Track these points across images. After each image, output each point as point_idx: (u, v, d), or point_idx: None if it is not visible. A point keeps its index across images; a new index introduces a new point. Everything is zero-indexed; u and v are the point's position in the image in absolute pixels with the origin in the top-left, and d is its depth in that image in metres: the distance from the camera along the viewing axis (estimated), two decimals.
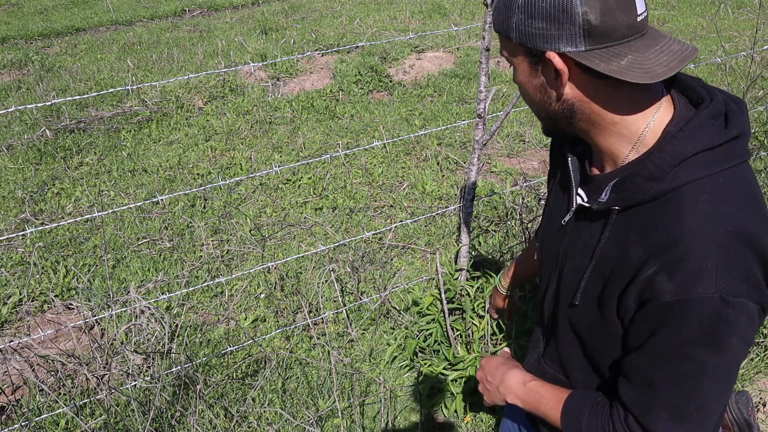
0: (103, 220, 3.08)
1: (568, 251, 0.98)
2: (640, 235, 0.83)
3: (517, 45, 0.85)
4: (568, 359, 1.04)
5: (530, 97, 0.91)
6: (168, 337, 2.06)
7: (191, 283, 2.58)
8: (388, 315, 2.27)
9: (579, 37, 0.78)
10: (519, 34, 0.83)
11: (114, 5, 8.22)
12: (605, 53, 0.79)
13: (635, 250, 0.83)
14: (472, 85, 4.69)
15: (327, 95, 4.62)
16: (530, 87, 0.89)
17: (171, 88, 4.69)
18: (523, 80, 0.90)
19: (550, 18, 0.79)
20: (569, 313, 0.98)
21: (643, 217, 0.84)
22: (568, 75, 0.82)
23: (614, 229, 0.88)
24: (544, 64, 0.84)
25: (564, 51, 0.80)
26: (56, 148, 3.89)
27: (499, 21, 0.87)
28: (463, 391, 1.84)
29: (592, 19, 0.77)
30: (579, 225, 0.96)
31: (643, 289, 0.81)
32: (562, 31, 0.79)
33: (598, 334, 0.93)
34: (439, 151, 3.61)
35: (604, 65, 0.78)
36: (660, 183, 0.81)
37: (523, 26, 0.82)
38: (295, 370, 2.08)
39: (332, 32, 6.20)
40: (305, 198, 3.23)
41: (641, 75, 0.77)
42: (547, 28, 0.80)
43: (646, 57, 0.79)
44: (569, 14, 0.78)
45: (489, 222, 2.81)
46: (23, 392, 2.06)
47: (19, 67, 5.64)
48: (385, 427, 1.85)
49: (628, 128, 0.86)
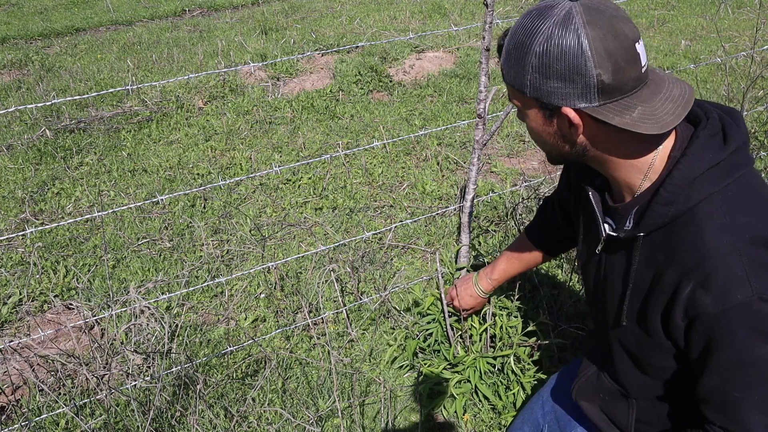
0: (103, 220, 3.08)
1: (607, 277, 1.06)
2: (667, 255, 0.89)
3: (530, 98, 0.89)
4: (624, 374, 1.09)
5: (542, 140, 0.96)
6: (168, 337, 2.06)
7: (191, 283, 2.58)
8: (388, 315, 2.27)
9: (593, 94, 0.83)
10: (534, 90, 0.87)
11: (114, 5, 8.22)
12: (617, 106, 0.84)
13: (666, 271, 0.89)
14: (472, 85, 4.69)
15: (327, 95, 4.62)
16: (543, 133, 0.94)
17: (171, 88, 4.69)
18: (536, 127, 0.94)
19: (565, 78, 0.83)
20: (618, 333, 1.05)
21: (667, 238, 0.90)
22: (582, 128, 0.88)
23: (643, 253, 0.94)
24: (558, 116, 0.89)
25: (579, 107, 0.85)
26: (56, 148, 3.89)
27: (511, 75, 0.90)
28: (463, 391, 1.84)
29: (605, 79, 0.81)
30: (612, 252, 1.04)
31: (687, 307, 0.86)
32: (577, 89, 0.83)
33: (646, 350, 0.99)
34: (439, 151, 3.61)
35: (618, 119, 0.83)
36: (676, 206, 0.87)
37: (538, 84, 0.86)
38: (295, 370, 2.08)
39: (332, 32, 6.19)
40: (305, 198, 3.23)
41: (652, 125, 0.82)
42: (562, 87, 0.84)
43: (653, 107, 0.84)
44: (584, 75, 0.82)
45: (489, 222, 2.81)
46: (23, 392, 2.06)
47: (19, 67, 5.64)
48: (385, 427, 1.85)
49: (639, 161, 0.91)
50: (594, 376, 1.20)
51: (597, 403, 1.19)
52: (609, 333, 1.08)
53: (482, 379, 1.83)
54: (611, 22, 0.81)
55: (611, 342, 1.09)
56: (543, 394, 1.42)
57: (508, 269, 1.59)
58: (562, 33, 0.81)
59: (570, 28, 0.81)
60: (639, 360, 1.03)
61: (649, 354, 0.99)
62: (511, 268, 1.59)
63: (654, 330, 0.94)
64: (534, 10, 0.85)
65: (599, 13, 0.81)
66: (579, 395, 1.22)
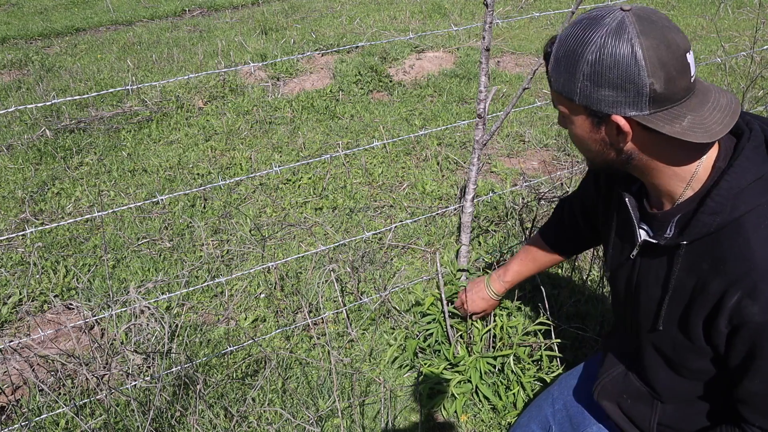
0: (103, 220, 3.08)
1: (641, 282, 1.06)
2: (713, 265, 0.90)
3: (579, 105, 0.90)
4: (654, 375, 1.11)
5: (587, 147, 0.97)
6: (168, 337, 2.06)
7: (191, 283, 2.58)
8: (388, 315, 2.27)
9: (644, 103, 0.84)
10: (584, 98, 0.88)
11: (114, 5, 8.22)
12: (667, 115, 0.85)
13: (712, 281, 0.90)
14: (472, 85, 4.69)
15: (327, 95, 4.62)
16: (589, 140, 0.95)
17: (171, 88, 4.69)
18: (582, 134, 0.95)
19: (617, 87, 0.84)
20: (652, 337, 1.06)
21: (711, 247, 0.91)
22: (631, 135, 0.89)
23: (684, 261, 0.95)
24: (607, 123, 0.89)
25: (629, 115, 0.86)
26: (56, 148, 3.89)
27: (560, 83, 0.91)
28: (463, 391, 1.84)
29: (657, 88, 0.83)
30: (648, 258, 1.04)
31: (732, 316, 0.88)
32: (629, 98, 0.84)
33: (683, 353, 1.01)
34: (439, 151, 3.61)
35: (668, 127, 0.84)
36: (722, 216, 0.88)
37: (589, 92, 0.87)
38: (295, 370, 2.08)
39: (332, 32, 6.19)
40: (305, 198, 3.23)
41: (702, 135, 0.84)
42: (614, 96, 0.85)
43: (703, 116, 0.85)
44: (636, 84, 0.83)
45: (489, 222, 2.81)
46: (23, 392, 2.06)
47: (19, 67, 5.64)
48: (385, 427, 1.85)
49: (682, 170, 0.92)
50: (620, 375, 1.20)
51: (619, 404, 1.20)
52: (641, 336, 1.10)
53: (482, 379, 1.83)
54: (664, 32, 0.82)
55: (642, 344, 1.10)
56: (553, 392, 1.42)
57: (522, 271, 1.59)
58: (615, 42, 0.82)
59: (624, 37, 0.82)
60: (673, 362, 1.05)
61: (685, 357, 1.01)
62: (525, 270, 1.58)
63: (695, 335, 0.96)
64: (585, 19, 0.86)
65: (652, 23, 0.82)
66: (601, 395, 1.23)
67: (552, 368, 1.85)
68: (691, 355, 1.00)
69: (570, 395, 1.37)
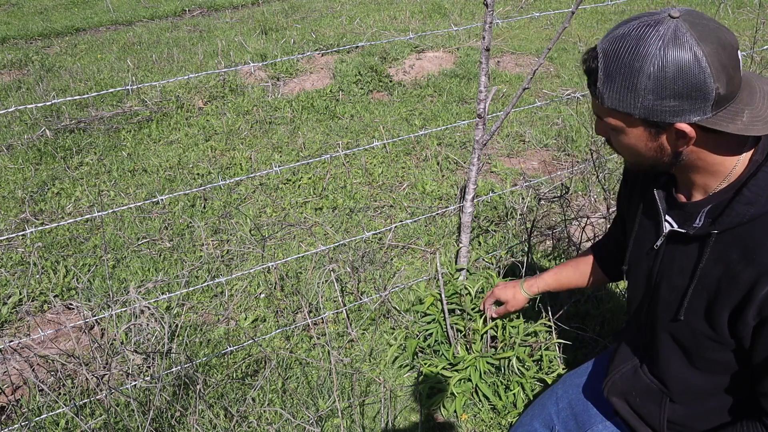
0: (103, 220, 3.08)
1: (664, 272, 1.06)
2: (744, 255, 0.90)
3: (638, 118, 0.89)
4: (667, 368, 1.10)
5: (639, 154, 0.96)
6: (168, 337, 2.06)
7: (191, 283, 2.58)
8: (388, 315, 2.27)
9: (708, 107, 0.84)
10: (645, 111, 0.87)
11: (114, 5, 8.22)
12: (727, 113, 0.85)
13: (743, 271, 0.90)
14: (472, 85, 4.69)
15: (327, 95, 4.62)
16: (644, 149, 0.94)
17: (171, 88, 4.69)
18: (636, 143, 0.94)
19: (683, 96, 0.84)
20: (671, 327, 1.05)
21: (743, 238, 0.91)
22: (694, 140, 0.89)
23: (713, 251, 0.95)
24: (668, 132, 0.89)
25: (693, 120, 0.85)
26: (56, 148, 3.89)
27: (616, 100, 0.89)
28: (463, 390, 1.84)
29: (721, 91, 0.83)
30: (672, 248, 1.04)
31: (763, 307, 0.88)
32: (694, 105, 0.84)
33: (703, 344, 1.00)
34: (439, 151, 3.61)
35: (732, 126, 0.85)
36: (756, 206, 0.89)
37: (652, 105, 0.86)
38: (295, 370, 2.08)
39: (332, 32, 6.19)
40: (305, 198, 3.23)
41: (762, 127, 0.85)
42: (679, 105, 0.85)
43: (757, 108, 0.86)
44: (703, 92, 0.83)
45: (489, 222, 2.81)
46: (23, 392, 2.06)
47: (19, 67, 5.64)
48: (385, 427, 1.85)
49: (724, 165, 0.93)
50: (630, 372, 1.20)
51: (629, 401, 1.20)
52: (657, 328, 1.09)
53: (482, 379, 1.83)
54: (717, 34, 0.83)
55: (659, 336, 1.09)
56: (557, 390, 1.41)
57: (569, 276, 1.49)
58: (676, 52, 0.82)
59: (684, 46, 0.81)
60: (691, 354, 1.04)
61: (705, 347, 1.01)
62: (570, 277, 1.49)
63: (719, 326, 0.95)
64: (633, 30, 0.85)
65: (705, 27, 0.83)
66: (611, 391, 1.23)
67: (552, 368, 1.85)
68: (712, 345, 0.99)
69: (575, 393, 1.36)
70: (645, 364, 1.18)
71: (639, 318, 1.19)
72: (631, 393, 1.19)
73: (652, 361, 1.15)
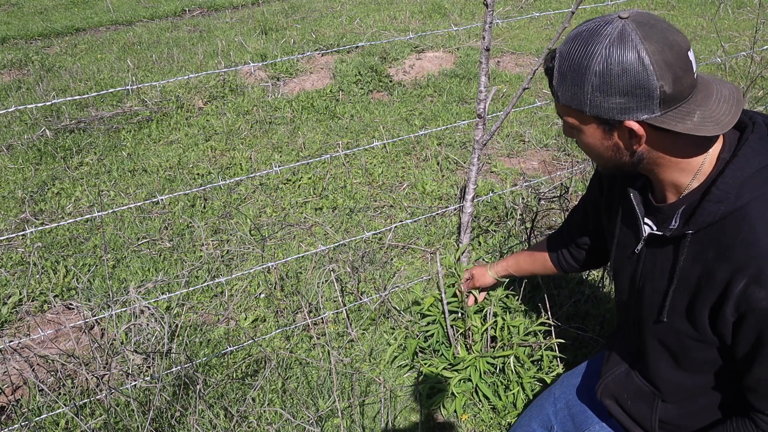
0: (103, 220, 3.08)
1: (646, 275, 1.07)
2: (719, 253, 0.91)
3: (589, 116, 0.91)
4: (657, 371, 1.11)
5: (598, 153, 0.98)
6: (168, 337, 2.06)
7: (191, 283, 2.58)
8: (388, 315, 2.27)
9: (655, 105, 0.86)
10: (594, 108, 0.89)
11: (114, 5, 8.22)
12: (677, 113, 0.87)
13: (718, 268, 0.91)
14: (472, 85, 4.69)
15: (327, 95, 4.62)
16: (601, 147, 0.96)
17: (171, 88, 4.69)
18: (593, 142, 0.96)
19: (628, 93, 0.86)
20: (656, 330, 1.06)
21: (717, 235, 0.92)
22: (645, 138, 0.90)
23: (690, 250, 0.96)
24: (619, 129, 0.91)
25: (641, 119, 0.87)
26: (56, 148, 3.89)
27: (568, 97, 0.91)
28: (463, 390, 1.84)
29: (666, 90, 0.84)
30: (652, 251, 1.05)
31: (740, 303, 0.89)
32: (640, 103, 0.86)
33: (688, 344, 1.01)
34: (439, 151, 3.61)
35: (681, 125, 0.86)
36: (726, 204, 0.90)
37: (599, 102, 0.88)
38: (295, 370, 2.08)
39: (332, 32, 6.19)
40: (305, 198, 3.23)
41: (713, 127, 0.86)
42: (625, 102, 0.86)
43: (710, 110, 0.87)
44: (646, 89, 0.84)
45: (489, 222, 2.81)
46: (23, 392, 2.06)
47: (19, 67, 5.64)
48: (385, 427, 1.85)
49: (690, 163, 0.94)
50: (623, 374, 1.21)
51: (621, 403, 1.21)
52: (644, 331, 1.10)
53: (482, 379, 1.83)
54: (665, 34, 0.84)
55: (646, 339, 1.10)
56: (554, 391, 1.42)
57: (523, 263, 1.64)
58: (620, 51, 0.84)
59: (628, 45, 0.83)
60: (677, 355, 1.05)
61: (689, 348, 1.02)
62: (522, 265, 1.64)
63: (701, 325, 0.96)
64: (584, 32, 0.87)
65: (652, 27, 0.84)
66: (604, 393, 1.24)
67: (552, 368, 1.85)
68: (696, 345, 1.00)
69: (572, 394, 1.37)
70: (636, 369, 1.19)
71: (627, 321, 1.20)
72: (623, 395, 1.20)
73: (643, 365, 1.16)
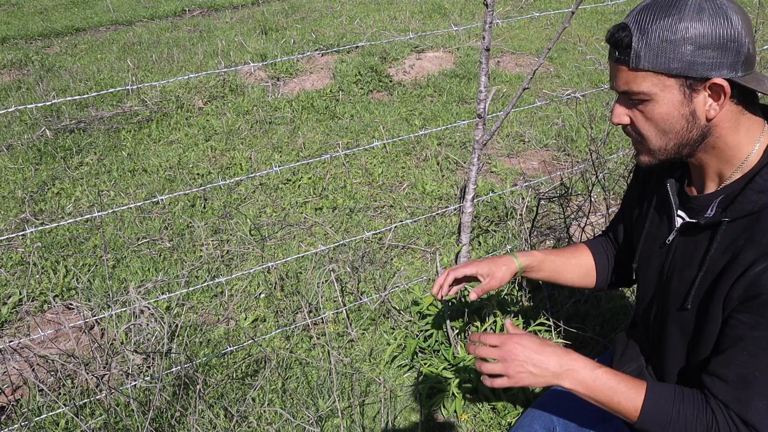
0: (103, 220, 3.08)
1: (676, 265, 1.05)
2: (750, 240, 0.90)
3: (672, 77, 0.89)
4: (673, 367, 1.09)
5: (670, 126, 0.94)
6: (168, 337, 2.06)
7: (191, 283, 2.58)
8: (388, 315, 2.27)
9: (740, 64, 0.86)
10: (685, 65, 0.88)
11: (114, 5, 8.22)
12: (752, 78, 0.88)
13: (745, 251, 0.90)
14: (472, 85, 4.69)
15: (327, 95, 4.62)
16: (675, 117, 0.93)
17: (171, 88, 4.69)
18: (668, 111, 0.92)
19: (720, 48, 0.85)
20: (680, 317, 1.04)
21: (751, 225, 0.91)
22: (726, 99, 0.89)
23: (723, 239, 0.95)
24: (702, 91, 0.90)
25: (729, 77, 0.87)
26: (56, 148, 3.89)
27: (652, 57, 0.88)
28: (463, 390, 1.84)
29: (750, 49, 0.86)
30: (684, 241, 1.04)
31: (750, 285, 0.87)
32: (729, 59, 0.86)
33: (707, 334, 0.99)
34: (439, 151, 3.61)
35: (761, 87, 0.87)
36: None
37: (691, 57, 0.87)
38: (295, 370, 2.08)
39: (332, 32, 6.19)
40: (305, 198, 3.23)
41: None
42: (717, 57, 0.86)
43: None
44: (739, 44, 0.85)
45: (489, 222, 2.81)
46: (23, 392, 2.06)
47: (19, 67, 5.64)
48: (385, 427, 1.85)
49: (739, 152, 0.94)
50: (635, 372, 1.19)
51: None
52: (667, 320, 1.08)
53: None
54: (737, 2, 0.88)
55: (668, 330, 1.08)
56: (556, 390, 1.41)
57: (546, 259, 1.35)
58: (712, 5, 0.85)
59: (716, 2, 0.86)
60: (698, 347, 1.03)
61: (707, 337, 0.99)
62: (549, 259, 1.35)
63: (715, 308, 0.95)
64: None
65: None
66: None
67: None
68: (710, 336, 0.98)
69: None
70: (651, 365, 1.18)
71: (648, 316, 1.18)
72: None
73: (659, 361, 1.14)
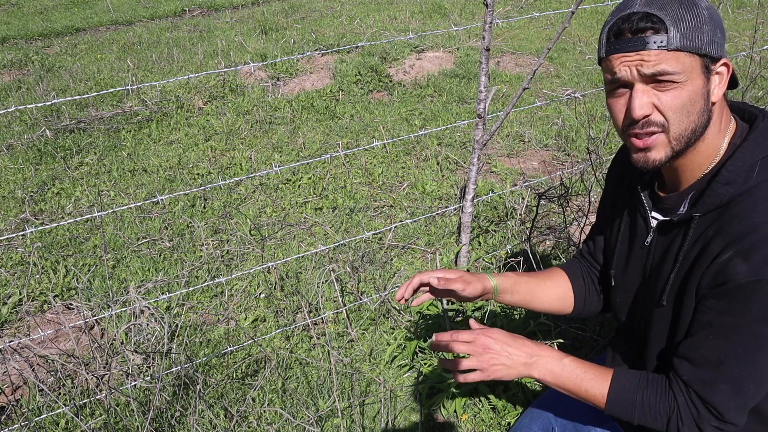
0: (103, 220, 3.08)
1: (653, 266, 1.07)
2: (718, 231, 0.92)
3: (700, 58, 0.90)
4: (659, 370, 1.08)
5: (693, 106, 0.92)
6: (168, 337, 2.06)
7: (191, 283, 2.58)
8: (388, 315, 2.27)
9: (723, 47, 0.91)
10: (709, 44, 0.90)
11: (114, 5, 8.22)
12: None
13: (714, 243, 0.91)
14: (472, 85, 4.69)
15: (327, 95, 4.62)
16: (698, 96, 0.92)
17: (171, 88, 4.69)
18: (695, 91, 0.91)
19: (721, 28, 0.90)
20: (659, 314, 1.05)
21: (719, 216, 0.93)
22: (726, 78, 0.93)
23: (695, 233, 0.97)
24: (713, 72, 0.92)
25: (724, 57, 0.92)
26: (56, 148, 3.89)
27: (692, 40, 0.88)
28: (463, 390, 1.84)
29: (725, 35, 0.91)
30: (662, 240, 1.05)
31: (718, 273, 0.89)
32: (723, 41, 0.90)
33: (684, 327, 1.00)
34: (439, 151, 3.61)
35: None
36: (734, 186, 0.91)
37: (711, 36, 0.89)
38: (295, 370, 2.08)
39: (332, 32, 6.19)
40: (305, 198, 3.23)
41: None
42: (720, 37, 0.90)
43: None
44: (722, 28, 0.90)
45: (489, 222, 2.81)
46: (23, 392, 2.06)
47: (19, 67, 5.64)
48: (385, 427, 1.85)
49: (715, 145, 0.97)
50: None
51: None
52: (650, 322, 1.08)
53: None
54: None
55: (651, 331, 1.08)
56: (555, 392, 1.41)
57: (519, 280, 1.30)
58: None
59: None
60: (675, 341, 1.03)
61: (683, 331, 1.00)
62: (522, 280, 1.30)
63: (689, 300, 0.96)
64: None
65: None
66: None
67: None
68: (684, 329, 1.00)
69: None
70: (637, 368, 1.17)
71: (632, 320, 1.18)
72: None
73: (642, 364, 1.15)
